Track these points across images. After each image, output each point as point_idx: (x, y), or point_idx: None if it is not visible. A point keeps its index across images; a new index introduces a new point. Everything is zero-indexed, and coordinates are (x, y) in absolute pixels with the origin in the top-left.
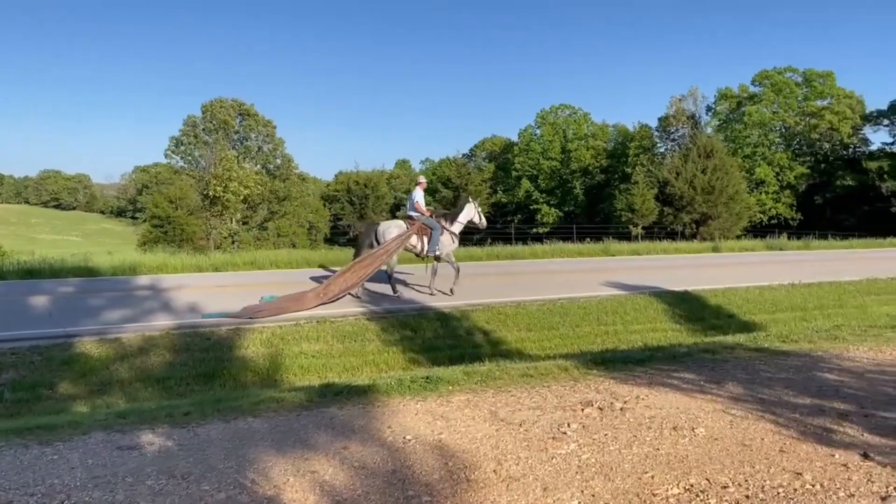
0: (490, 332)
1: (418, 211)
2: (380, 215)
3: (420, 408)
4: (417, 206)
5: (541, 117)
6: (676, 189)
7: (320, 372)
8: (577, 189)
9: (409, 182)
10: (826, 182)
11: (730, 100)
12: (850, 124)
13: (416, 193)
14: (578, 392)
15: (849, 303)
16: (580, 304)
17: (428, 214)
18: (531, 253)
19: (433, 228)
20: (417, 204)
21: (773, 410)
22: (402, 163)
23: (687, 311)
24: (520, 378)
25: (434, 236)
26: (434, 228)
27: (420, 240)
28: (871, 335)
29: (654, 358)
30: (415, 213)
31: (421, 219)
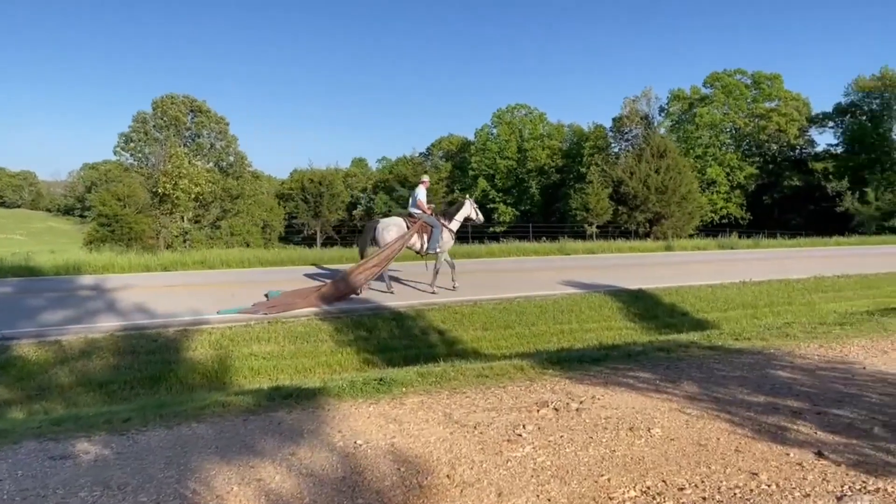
0: (446, 332)
1: (420, 209)
2: (334, 213)
3: (372, 411)
4: (420, 203)
5: (497, 117)
6: (630, 189)
7: (271, 374)
8: (533, 188)
9: (366, 180)
10: (774, 182)
11: (682, 101)
12: (797, 126)
13: (419, 192)
14: (534, 392)
15: (797, 300)
16: (536, 302)
17: (429, 213)
18: (488, 252)
19: (434, 226)
20: (420, 202)
21: (728, 409)
22: (359, 161)
23: (641, 309)
24: (475, 379)
25: (435, 234)
26: (435, 226)
27: (420, 238)
28: (820, 332)
29: (609, 357)
30: (416, 210)
31: (423, 217)
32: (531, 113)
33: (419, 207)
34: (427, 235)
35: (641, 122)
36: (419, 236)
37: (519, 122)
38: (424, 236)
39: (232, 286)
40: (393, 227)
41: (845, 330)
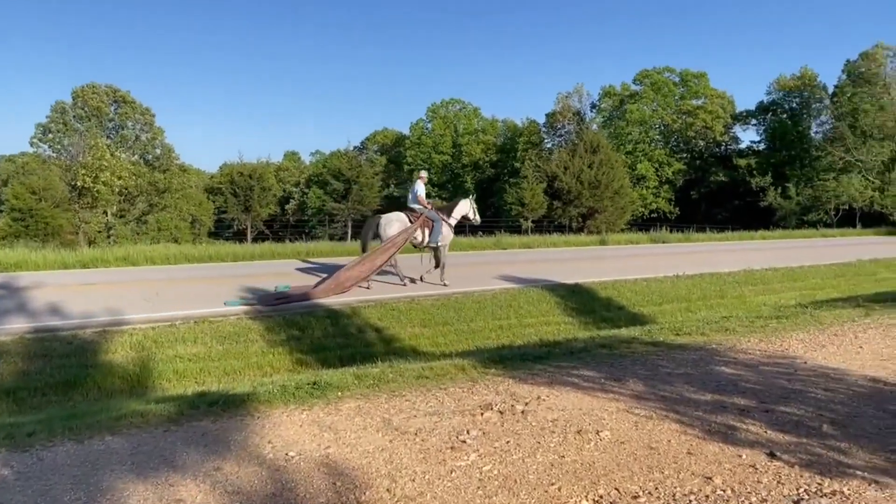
0: (383, 330)
1: (421, 203)
2: (266, 208)
3: (305, 418)
4: (420, 198)
5: (432, 111)
6: (564, 183)
7: (197, 377)
8: (468, 183)
9: (299, 175)
10: (701, 178)
11: (613, 97)
12: (722, 123)
13: (418, 187)
14: (477, 394)
15: (729, 293)
16: (474, 298)
17: (430, 208)
18: None
19: (434, 221)
20: (420, 197)
21: (677, 409)
22: (292, 155)
23: (579, 303)
24: (415, 380)
25: (436, 228)
26: (435, 221)
27: (422, 231)
28: (758, 326)
29: (552, 354)
30: (417, 205)
31: (424, 211)
32: (465, 108)
33: (419, 202)
34: (428, 229)
35: (574, 118)
36: (421, 230)
37: (453, 116)
38: (426, 230)
39: (157, 283)
40: (395, 222)
41: (782, 323)
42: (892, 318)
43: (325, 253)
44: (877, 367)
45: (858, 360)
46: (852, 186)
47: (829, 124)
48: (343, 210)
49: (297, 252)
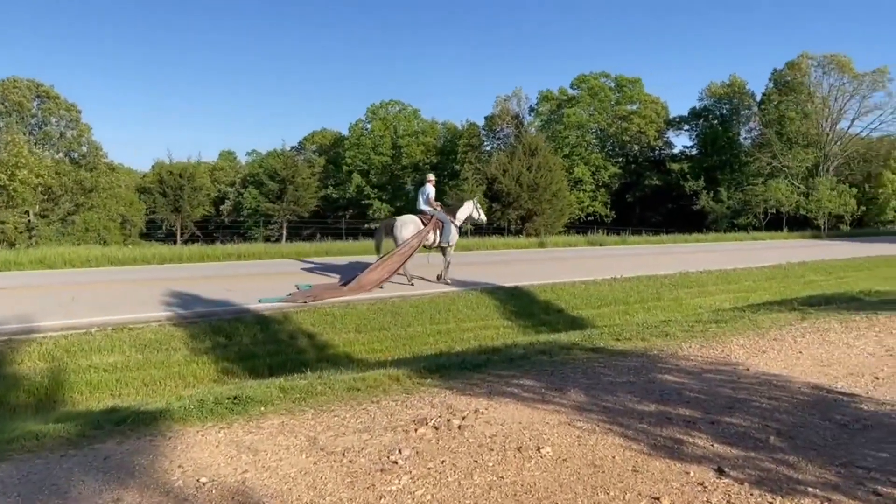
0: (316, 336)
1: (431, 206)
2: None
3: (223, 437)
4: (431, 201)
5: (371, 112)
6: (504, 186)
7: (113, 389)
8: (408, 185)
9: (234, 174)
10: (636, 182)
11: (551, 101)
12: (656, 128)
13: (429, 190)
14: (411, 407)
15: (665, 296)
16: (412, 302)
17: (439, 209)
18: (363, 249)
19: (444, 222)
20: (431, 199)
21: (620, 421)
22: (227, 154)
23: (518, 306)
24: (345, 393)
25: (446, 229)
26: (445, 222)
27: (434, 232)
28: (698, 331)
29: (490, 362)
30: (428, 207)
31: (436, 214)
32: (405, 109)
33: (430, 204)
34: (439, 231)
35: (513, 122)
36: (433, 231)
37: (393, 118)
38: (437, 231)
39: (74, 288)
40: (410, 224)
41: (722, 328)
42: (827, 323)
43: (258, 255)
44: (818, 373)
45: (799, 367)
46: (779, 191)
47: (757, 131)
48: (278, 211)
49: (228, 254)
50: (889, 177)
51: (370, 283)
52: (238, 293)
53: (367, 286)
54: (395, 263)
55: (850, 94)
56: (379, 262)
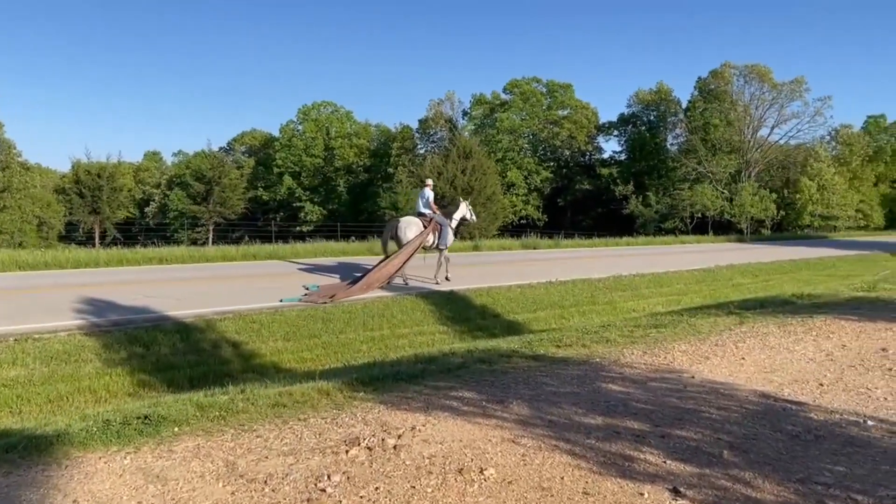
0: (241, 345)
1: (431, 209)
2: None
3: (129, 464)
4: (431, 204)
5: (303, 113)
6: (438, 188)
7: (14, 406)
8: (341, 187)
9: (160, 175)
10: (567, 186)
11: (484, 105)
12: (586, 133)
13: (428, 194)
14: (342, 425)
15: (600, 299)
16: (344, 308)
17: (438, 212)
18: (292, 252)
19: (443, 225)
20: (431, 203)
21: (567, 436)
22: (153, 155)
23: (454, 311)
24: (270, 410)
25: (444, 232)
26: (444, 225)
27: (434, 234)
28: (638, 336)
29: (427, 372)
30: (428, 210)
31: (435, 217)
32: (338, 111)
33: (430, 207)
34: (437, 233)
35: (446, 125)
36: (433, 233)
37: (325, 119)
38: (436, 233)
39: None
40: (413, 225)
41: (662, 333)
42: (765, 327)
43: (182, 259)
44: (762, 380)
45: (744, 373)
46: (705, 196)
47: (683, 137)
48: (205, 213)
49: (149, 258)
50: (806, 183)
51: (378, 281)
52: (158, 299)
53: (374, 285)
54: (400, 262)
55: (770, 103)
56: (385, 262)
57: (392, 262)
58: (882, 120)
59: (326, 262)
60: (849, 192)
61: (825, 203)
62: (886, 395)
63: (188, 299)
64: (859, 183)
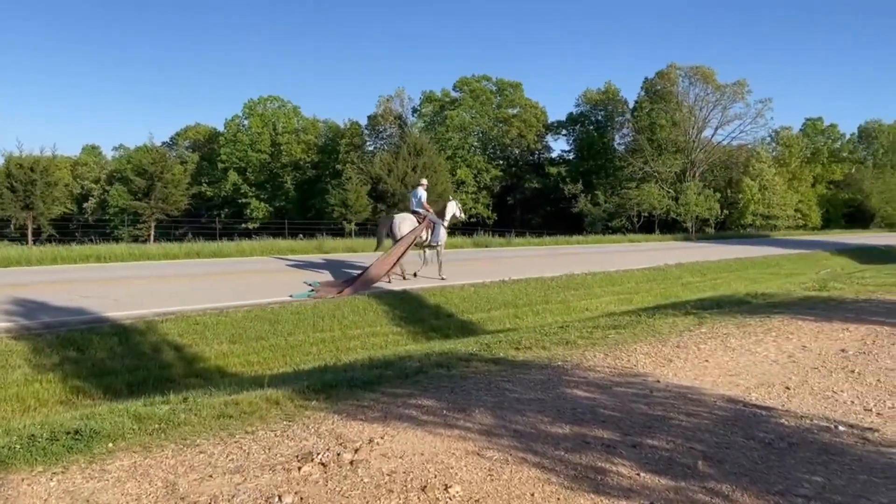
0: (184, 348)
1: (424, 208)
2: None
3: (56, 486)
4: (424, 203)
5: (248, 108)
6: (389, 186)
7: None
8: (288, 184)
9: (100, 170)
10: (517, 184)
11: (434, 103)
12: (535, 132)
13: (421, 193)
14: (293, 438)
15: (553, 298)
16: (293, 308)
17: (431, 211)
18: (237, 250)
19: (436, 223)
20: (424, 202)
21: (534, 448)
22: (92, 149)
23: (407, 311)
24: (214, 421)
25: (436, 229)
26: (437, 223)
27: (427, 231)
28: (598, 338)
29: (383, 378)
30: (421, 209)
31: (428, 215)
32: (285, 106)
33: (423, 206)
34: (430, 230)
35: (396, 122)
36: (426, 230)
37: (272, 114)
38: (429, 231)
39: None
40: (407, 221)
41: (621, 334)
42: (725, 328)
43: (121, 257)
44: (728, 383)
45: (709, 377)
46: (652, 195)
47: (630, 137)
48: (146, 209)
49: (86, 256)
50: (748, 183)
51: (377, 276)
52: (95, 300)
53: (375, 279)
54: (395, 257)
55: (714, 104)
56: (383, 256)
57: (389, 257)
58: (819, 122)
59: (273, 261)
60: (788, 192)
61: (766, 203)
62: (853, 398)
63: (127, 300)
64: (798, 183)
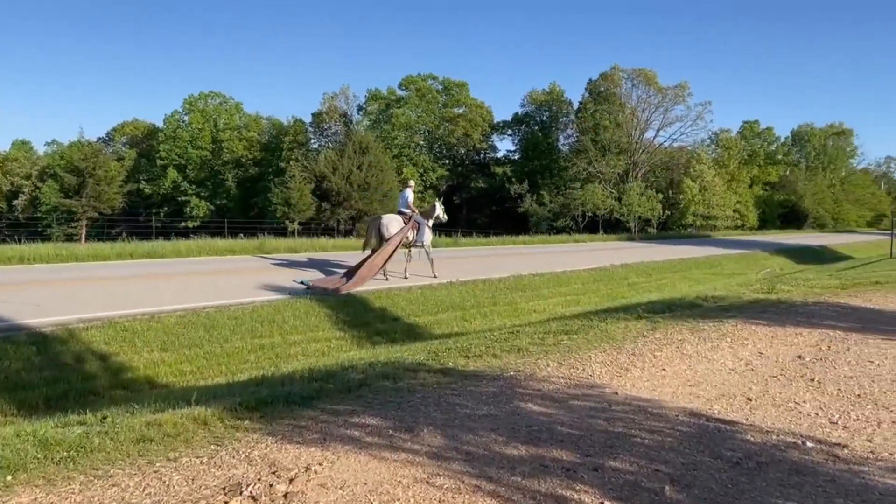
0: (111, 357)
1: (410, 208)
2: None
3: None
4: (410, 205)
5: (189, 103)
6: (333, 184)
7: None
8: (229, 181)
9: (31, 166)
10: (462, 184)
11: (379, 101)
12: (481, 132)
13: (409, 194)
14: (221, 466)
15: (501, 300)
16: (230, 312)
17: (416, 212)
18: (174, 250)
19: (421, 224)
20: (410, 203)
21: (488, 473)
22: (22, 144)
23: (351, 315)
24: (133, 447)
25: (421, 230)
26: (422, 224)
27: (413, 231)
28: (550, 345)
29: (324, 392)
30: (407, 210)
31: (414, 216)
32: (226, 102)
33: (409, 207)
34: (416, 230)
35: (341, 119)
36: (412, 230)
37: (213, 110)
38: (415, 231)
39: None
40: (395, 221)
41: (574, 340)
42: (679, 333)
43: (46, 258)
44: (688, 395)
45: (668, 388)
46: (596, 196)
47: (574, 138)
48: (79, 207)
49: (8, 258)
50: (689, 184)
51: (369, 274)
52: (12, 305)
53: (367, 277)
54: (386, 255)
55: (656, 107)
56: (373, 255)
57: (379, 255)
58: (756, 125)
59: (213, 261)
60: (727, 193)
61: (706, 203)
62: (816, 409)
63: (50, 305)
64: (736, 185)
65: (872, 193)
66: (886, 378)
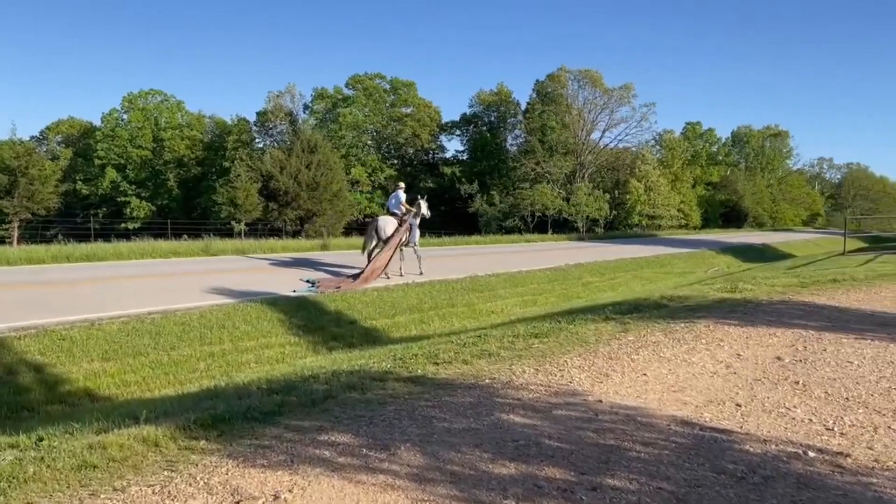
0: (46, 368)
1: (403, 209)
2: None
3: None
4: (403, 205)
5: (128, 101)
6: (281, 184)
7: None
8: (171, 181)
9: None
10: (411, 184)
11: (326, 100)
12: (429, 132)
13: (401, 195)
14: (176, 497)
15: (459, 301)
16: (177, 318)
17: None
18: (114, 253)
19: (413, 225)
20: (403, 204)
21: (478, 496)
22: None
23: (305, 319)
24: (73, 474)
25: (414, 230)
26: (413, 224)
27: (406, 232)
28: (521, 348)
29: (286, 406)
30: (400, 210)
31: (407, 216)
32: (168, 100)
33: (402, 209)
34: (408, 231)
35: (286, 118)
36: (406, 231)
37: (154, 108)
38: (408, 232)
39: None
40: (391, 223)
41: (545, 343)
42: (652, 335)
43: None
44: (675, 401)
45: (652, 394)
46: (544, 196)
47: (522, 138)
48: (9, 208)
49: None
50: (635, 184)
51: (374, 274)
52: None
53: (371, 278)
54: (388, 256)
55: (602, 108)
56: (375, 257)
57: (381, 256)
58: (698, 126)
59: (157, 264)
60: (671, 193)
61: (651, 203)
62: (808, 415)
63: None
64: (680, 185)
65: (807, 193)
66: (870, 379)
